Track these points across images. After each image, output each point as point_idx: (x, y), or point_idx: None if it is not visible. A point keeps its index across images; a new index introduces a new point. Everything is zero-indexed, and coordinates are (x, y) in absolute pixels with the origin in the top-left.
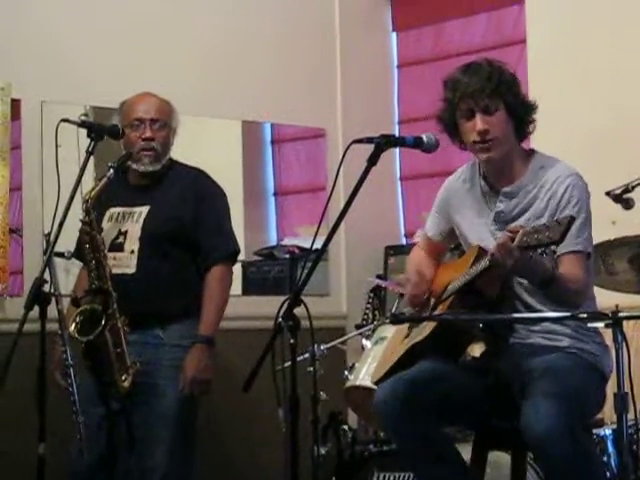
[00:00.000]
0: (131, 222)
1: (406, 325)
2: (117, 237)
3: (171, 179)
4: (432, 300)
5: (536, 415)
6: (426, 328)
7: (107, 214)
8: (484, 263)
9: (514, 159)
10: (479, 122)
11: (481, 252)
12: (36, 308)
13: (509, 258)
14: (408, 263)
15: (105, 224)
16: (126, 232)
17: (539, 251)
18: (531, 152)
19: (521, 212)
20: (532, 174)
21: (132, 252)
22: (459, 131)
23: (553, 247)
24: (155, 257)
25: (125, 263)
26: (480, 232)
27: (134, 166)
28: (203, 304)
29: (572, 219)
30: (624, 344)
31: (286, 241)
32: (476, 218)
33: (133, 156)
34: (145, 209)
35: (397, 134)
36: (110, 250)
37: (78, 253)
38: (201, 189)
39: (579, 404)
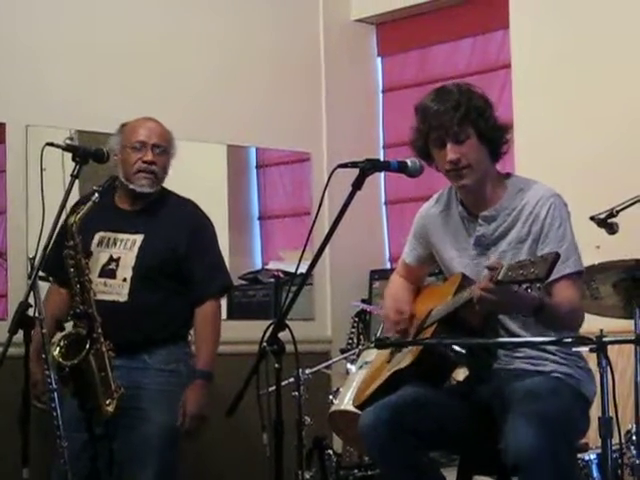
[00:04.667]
0: (124, 249)
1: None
2: (108, 263)
3: (164, 208)
4: (414, 324)
5: (517, 438)
6: (409, 355)
7: (96, 237)
8: (465, 297)
9: (490, 183)
10: (450, 152)
11: (464, 280)
12: (20, 332)
13: (491, 296)
14: (386, 291)
15: (94, 248)
16: (118, 259)
17: (524, 286)
18: (507, 175)
19: (501, 236)
20: (511, 197)
21: (124, 280)
22: (433, 158)
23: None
24: (147, 287)
25: (117, 291)
26: (460, 257)
27: (131, 186)
28: (198, 340)
29: (557, 255)
30: (608, 368)
31: (271, 265)
32: (456, 243)
33: (129, 178)
34: (139, 237)
35: (382, 158)
36: (100, 275)
37: (47, 266)
38: (194, 222)
39: (561, 426)
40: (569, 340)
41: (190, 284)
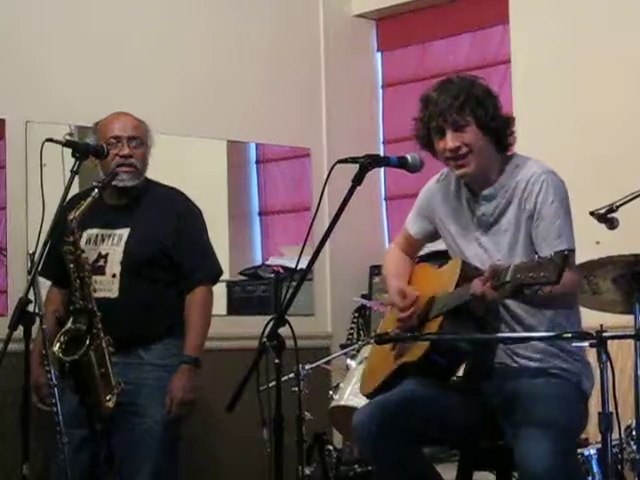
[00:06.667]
0: (111, 245)
1: None
2: (97, 260)
3: (149, 199)
4: (416, 311)
5: (533, 454)
6: (418, 348)
7: (85, 235)
8: (465, 297)
9: (493, 168)
10: (449, 140)
11: (464, 267)
12: (20, 328)
13: (489, 303)
14: (386, 267)
15: (83, 246)
16: (107, 255)
17: (535, 288)
18: (510, 156)
19: (501, 213)
20: (508, 175)
21: (114, 276)
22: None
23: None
24: (137, 280)
25: (107, 287)
26: (464, 237)
27: (113, 182)
28: (187, 326)
29: (565, 255)
30: (609, 364)
31: (271, 261)
32: (460, 223)
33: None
34: (125, 232)
35: (382, 154)
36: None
37: (45, 270)
38: (180, 210)
39: (573, 437)
40: (569, 336)
41: (179, 273)
